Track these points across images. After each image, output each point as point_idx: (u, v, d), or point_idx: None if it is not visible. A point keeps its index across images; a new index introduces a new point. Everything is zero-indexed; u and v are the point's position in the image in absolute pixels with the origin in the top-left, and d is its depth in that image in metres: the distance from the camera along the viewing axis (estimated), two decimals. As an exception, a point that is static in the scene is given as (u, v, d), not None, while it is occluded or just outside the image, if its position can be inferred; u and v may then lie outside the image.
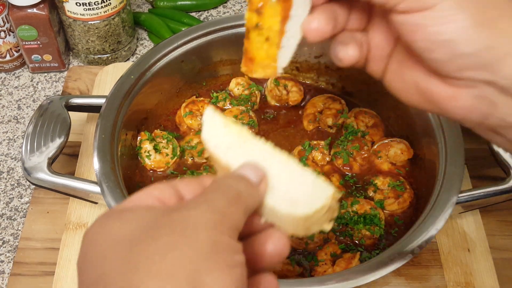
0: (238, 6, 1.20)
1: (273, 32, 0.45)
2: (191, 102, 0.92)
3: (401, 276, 0.77)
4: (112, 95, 0.82)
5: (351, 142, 0.87)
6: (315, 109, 0.92)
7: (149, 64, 0.86)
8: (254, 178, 0.42)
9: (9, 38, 1.02)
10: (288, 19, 0.45)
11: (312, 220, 0.42)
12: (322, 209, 0.41)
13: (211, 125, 0.46)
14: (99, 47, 1.03)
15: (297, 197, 0.42)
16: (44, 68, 1.06)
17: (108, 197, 0.71)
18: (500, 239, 0.82)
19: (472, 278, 0.77)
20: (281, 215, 0.42)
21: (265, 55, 0.45)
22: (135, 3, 1.21)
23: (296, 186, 0.43)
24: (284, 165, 0.44)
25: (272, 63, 0.46)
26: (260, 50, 0.45)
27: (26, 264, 0.79)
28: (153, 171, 0.85)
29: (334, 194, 0.42)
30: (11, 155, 0.95)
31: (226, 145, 0.45)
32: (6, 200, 0.89)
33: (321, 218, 0.42)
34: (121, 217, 0.37)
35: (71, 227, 0.81)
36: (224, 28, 0.91)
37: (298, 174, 0.43)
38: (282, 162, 0.44)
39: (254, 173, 0.42)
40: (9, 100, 1.03)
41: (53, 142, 0.78)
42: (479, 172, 0.88)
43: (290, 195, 0.42)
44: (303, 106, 0.94)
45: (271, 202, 0.42)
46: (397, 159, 0.86)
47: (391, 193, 0.81)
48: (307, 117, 0.92)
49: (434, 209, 0.70)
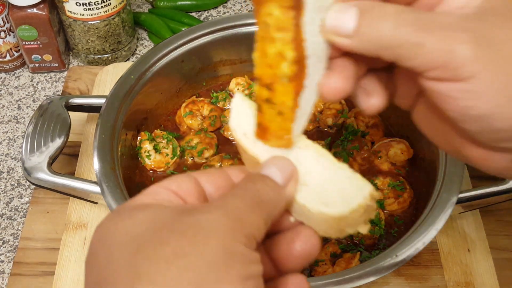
0: (238, 6, 1.20)
1: (286, 107, 0.40)
2: (191, 102, 0.92)
3: (401, 276, 0.77)
4: (112, 95, 0.82)
5: (351, 142, 0.87)
6: (315, 109, 0.92)
7: (149, 64, 0.86)
8: (280, 178, 0.38)
9: (9, 38, 1.02)
10: (302, 91, 0.40)
11: (346, 221, 0.38)
12: (359, 209, 0.38)
13: (240, 112, 0.43)
14: (99, 47, 1.03)
15: (330, 195, 0.39)
16: (44, 68, 1.06)
17: (108, 197, 0.70)
18: (500, 239, 0.82)
19: (472, 278, 0.77)
20: (312, 215, 0.39)
21: (278, 127, 0.41)
22: (135, 3, 1.21)
23: (330, 183, 0.39)
24: (317, 159, 0.40)
25: (286, 135, 0.41)
26: (273, 122, 0.41)
27: (26, 264, 0.79)
28: (153, 171, 0.85)
29: (372, 193, 0.38)
30: (11, 155, 0.95)
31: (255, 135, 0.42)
32: (6, 200, 0.89)
33: (356, 219, 0.39)
34: (132, 215, 0.34)
35: (71, 227, 0.81)
36: (224, 28, 0.91)
37: (332, 170, 0.40)
38: (315, 155, 0.41)
39: (281, 171, 0.39)
40: (9, 100, 1.03)
41: (53, 142, 0.78)
42: (479, 172, 0.87)
43: (323, 193, 0.39)
44: (303, 106, 0.94)
45: (301, 200, 0.39)
46: (397, 159, 0.86)
47: (391, 193, 0.81)
48: (307, 117, 0.92)
49: (434, 209, 0.70)
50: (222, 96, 0.94)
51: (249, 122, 0.42)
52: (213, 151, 0.87)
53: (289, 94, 0.39)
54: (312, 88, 0.41)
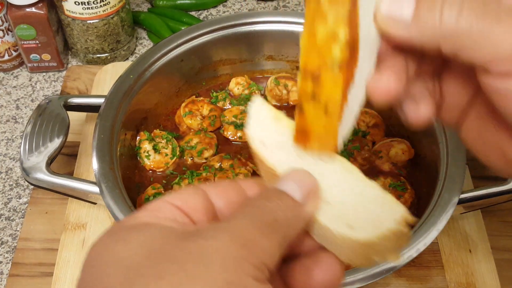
0: (238, 5, 1.19)
1: (333, 102, 0.34)
2: (191, 102, 0.92)
3: (402, 277, 0.77)
4: (111, 94, 0.81)
5: (352, 142, 0.87)
6: (316, 109, 0.92)
7: (148, 64, 0.85)
8: (300, 194, 0.34)
9: (7, 38, 1.02)
10: (352, 83, 0.35)
11: (374, 247, 0.34)
12: (389, 235, 0.33)
13: (258, 118, 0.38)
14: (98, 46, 1.03)
15: (357, 217, 0.34)
16: (42, 68, 1.05)
17: (107, 198, 0.70)
18: (502, 239, 0.82)
19: (473, 279, 0.76)
20: (335, 238, 0.34)
21: (323, 130, 0.36)
22: (134, 2, 1.20)
23: (357, 203, 0.35)
24: (343, 174, 0.36)
25: (332, 139, 0.36)
26: (317, 123, 0.36)
27: (25, 265, 0.78)
28: (153, 171, 0.85)
29: (405, 216, 0.34)
30: (10, 155, 0.94)
31: (274, 144, 0.37)
32: (5, 200, 0.88)
33: (386, 246, 0.34)
34: (128, 238, 0.31)
35: (70, 228, 0.81)
36: (224, 28, 0.91)
37: (360, 188, 0.35)
38: (341, 170, 0.36)
39: (300, 187, 0.34)
40: (8, 100, 1.02)
41: (52, 142, 0.78)
42: (480, 172, 0.88)
43: (349, 214, 0.34)
44: (304, 106, 0.94)
45: (324, 221, 0.34)
46: (398, 159, 0.85)
47: (392, 193, 0.81)
48: (307, 117, 0.91)
49: (435, 209, 0.70)
50: (222, 95, 0.94)
51: (267, 129, 0.38)
52: (213, 151, 0.87)
53: (338, 85, 0.34)
54: (360, 85, 0.36)
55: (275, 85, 0.94)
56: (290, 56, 0.96)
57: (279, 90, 0.94)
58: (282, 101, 0.94)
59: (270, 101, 0.94)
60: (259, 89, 0.95)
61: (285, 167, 0.36)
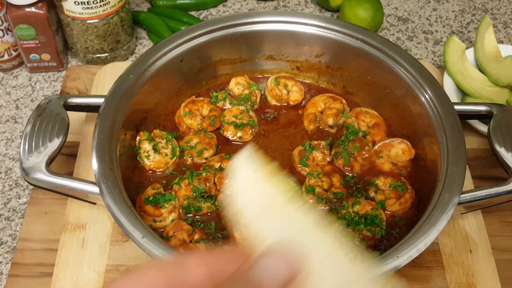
0: (238, 5, 1.19)
1: None
2: (191, 102, 0.92)
3: (403, 278, 0.76)
4: (110, 94, 0.81)
5: (352, 142, 0.86)
6: (316, 109, 0.92)
7: (148, 64, 0.85)
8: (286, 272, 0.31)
9: (7, 37, 1.01)
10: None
11: None
12: None
13: (244, 174, 0.36)
14: (98, 46, 1.03)
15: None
16: (42, 68, 1.05)
17: (106, 198, 0.70)
18: (502, 240, 0.82)
19: (474, 279, 0.76)
20: None
21: None
22: (134, 2, 1.20)
23: (342, 274, 0.33)
24: (327, 244, 0.34)
25: None
26: None
27: (24, 265, 0.78)
28: (152, 171, 0.85)
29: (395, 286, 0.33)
30: (9, 155, 0.94)
31: (258, 207, 0.35)
32: (4, 200, 0.88)
33: None
34: None
35: (69, 228, 0.80)
36: (224, 27, 0.91)
37: (346, 260, 0.34)
38: (324, 240, 0.34)
39: (286, 264, 0.31)
40: (7, 100, 1.02)
41: (52, 142, 0.77)
42: (481, 173, 0.88)
43: (335, 285, 0.33)
44: (304, 106, 0.94)
45: None
46: (398, 159, 0.85)
47: (392, 193, 0.81)
48: (307, 117, 0.91)
49: (435, 209, 0.69)
50: (222, 95, 0.94)
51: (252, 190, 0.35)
52: (213, 151, 0.87)
53: None
54: None
55: (275, 85, 0.94)
56: (290, 56, 0.96)
57: (279, 90, 0.93)
58: (283, 101, 0.94)
59: (270, 101, 0.94)
60: (259, 89, 0.95)
61: (265, 233, 0.34)
